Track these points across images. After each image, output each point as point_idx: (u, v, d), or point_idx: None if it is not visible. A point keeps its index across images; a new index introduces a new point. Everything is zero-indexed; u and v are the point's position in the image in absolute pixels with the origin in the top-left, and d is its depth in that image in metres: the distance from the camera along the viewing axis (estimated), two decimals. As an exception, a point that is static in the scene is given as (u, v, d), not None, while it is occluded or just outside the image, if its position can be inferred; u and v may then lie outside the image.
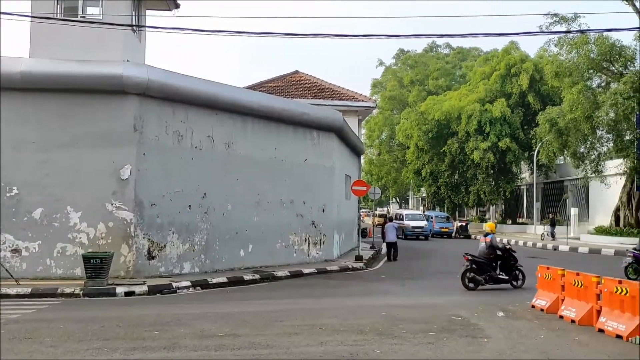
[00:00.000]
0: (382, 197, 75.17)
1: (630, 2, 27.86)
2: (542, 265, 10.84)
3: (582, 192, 38.71)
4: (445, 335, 8.02)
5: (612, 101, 25.80)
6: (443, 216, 41.71)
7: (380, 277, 16.04)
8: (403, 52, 61.07)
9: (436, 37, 20.85)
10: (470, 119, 39.98)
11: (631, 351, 7.27)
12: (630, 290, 7.93)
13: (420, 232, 34.76)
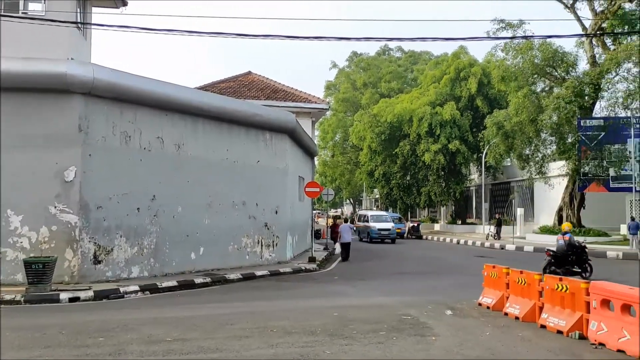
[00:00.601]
0: (336, 198, 75.78)
1: (572, 10, 29.08)
2: (488, 264, 11.13)
3: (527, 192, 40.07)
4: (395, 335, 8.13)
5: (555, 105, 26.81)
6: (395, 217, 41.58)
7: (333, 278, 16.12)
8: (356, 54, 61.72)
9: (386, 40, 21.33)
10: (422, 121, 40.76)
11: (571, 346, 7.56)
12: (570, 287, 8.25)
13: (387, 234, 32.67)
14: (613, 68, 26.70)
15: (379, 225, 32.79)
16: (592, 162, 28.22)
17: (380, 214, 36.62)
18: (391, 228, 32.68)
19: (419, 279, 16.08)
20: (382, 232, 32.38)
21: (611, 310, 7.46)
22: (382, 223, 33.20)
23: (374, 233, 32.35)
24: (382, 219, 34.28)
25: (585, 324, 7.84)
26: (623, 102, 27.23)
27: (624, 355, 6.96)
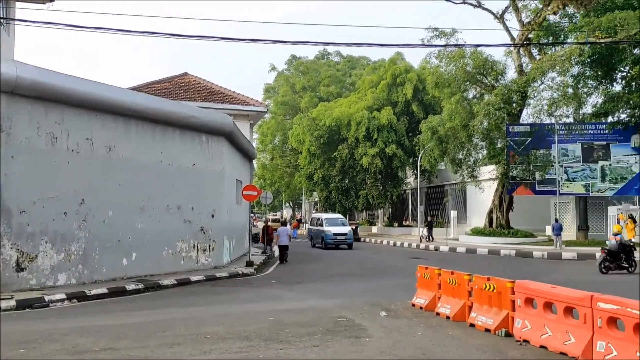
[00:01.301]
0: (275, 201, 75.51)
1: (501, 20, 30.36)
2: (421, 265, 11.39)
3: (460, 195, 41.46)
4: (330, 337, 8.16)
5: (485, 111, 27.88)
6: None
7: (270, 282, 16.03)
8: (295, 58, 61.85)
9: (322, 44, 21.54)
10: (360, 125, 41.35)
11: (498, 343, 7.85)
12: (497, 286, 8.57)
13: (343, 239, 30.03)
14: (538, 77, 28.08)
15: (335, 229, 30.30)
16: (520, 166, 29.56)
17: (336, 216, 33.80)
18: (348, 232, 30.28)
19: (356, 281, 16.25)
20: (338, 237, 29.96)
21: (534, 308, 7.81)
22: (338, 227, 30.68)
23: (329, 238, 29.94)
24: (338, 222, 31.73)
25: (511, 322, 8.16)
26: (548, 109, 28.67)
27: (546, 350, 7.29)
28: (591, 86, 30.14)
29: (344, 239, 29.93)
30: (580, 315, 6.89)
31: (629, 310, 6.12)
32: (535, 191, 30.05)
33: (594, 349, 6.55)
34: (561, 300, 7.28)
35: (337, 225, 30.87)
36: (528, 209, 33.86)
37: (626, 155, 28.86)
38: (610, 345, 6.32)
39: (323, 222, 31.13)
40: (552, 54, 28.30)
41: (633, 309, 6.08)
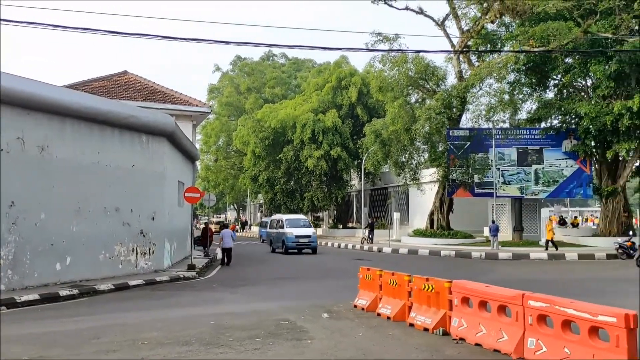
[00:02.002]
0: (219, 204, 74.54)
1: (442, 27, 31.19)
2: (363, 267, 11.52)
3: (403, 197, 42.31)
4: (272, 340, 8.11)
5: (427, 116, 28.56)
6: None
7: (213, 285, 15.78)
8: (240, 59, 61.41)
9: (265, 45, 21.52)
10: (305, 127, 41.48)
11: (436, 342, 8.03)
12: (435, 286, 8.78)
13: (306, 243, 27.48)
14: (477, 83, 29.03)
15: (297, 231, 27.62)
16: (460, 169, 30.43)
17: (298, 217, 30.82)
18: (312, 234, 27.64)
19: (299, 283, 16.25)
20: (300, 239, 27.37)
21: (470, 307, 8.04)
22: (300, 229, 28.00)
23: (290, 241, 27.33)
24: (300, 223, 28.89)
25: (448, 321, 8.37)
26: (486, 114, 29.68)
27: (481, 348, 7.53)
28: (526, 93, 31.50)
29: (307, 242, 27.41)
30: (513, 313, 7.15)
31: (557, 307, 6.40)
32: (474, 193, 31.02)
33: (525, 345, 6.81)
34: (495, 299, 7.53)
35: (299, 226, 28.29)
36: (467, 211, 34.93)
37: (558, 159, 30.25)
38: (540, 342, 6.59)
39: (284, 223, 28.46)
40: (489, 61, 29.33)
41: (561, 307, 6.36)
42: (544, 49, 25.42)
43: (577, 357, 6.02)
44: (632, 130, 25.80)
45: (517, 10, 27.03)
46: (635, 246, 23.63)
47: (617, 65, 25.44)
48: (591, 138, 28.27)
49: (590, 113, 26.12)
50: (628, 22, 24.71)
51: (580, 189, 30.51)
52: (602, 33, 25.18)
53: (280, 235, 28.50)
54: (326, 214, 52.49)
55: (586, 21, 25.41)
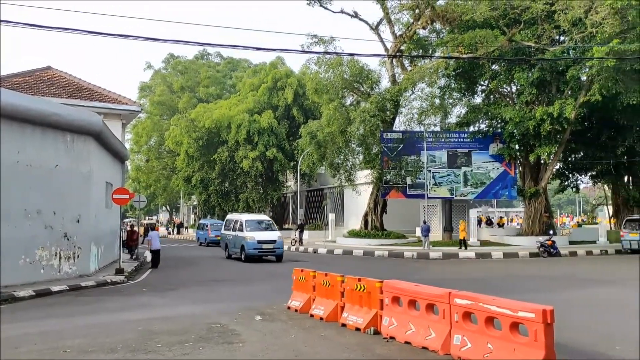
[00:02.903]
0: (151, 205, 72.43)
1: (376, 31, 31.77)
2: (297, 268, 11.51)
3: (338, 199, 42.73)
4: (202, 345, 7.95)
5: (362, 118, 28.98)
6: (218, 224, 37.76)
7: (142, 289, 15.27)
8: (173, 57, 60.02)
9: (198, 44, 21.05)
10: (240, 128, 41.07)
11: (367, 341, 8.13)
12: (367, 286, 8.90)
13: (270, 249, 23.13)
14: (409, 87, 29.77)
15: (259, 235, 23.25)
16: (393, 171, 31.09)
17: (260, 218, 26.33)
18: (277, 239, 23.32)
19: (232, 285, 16.02)
20: (264, 245, 22.95)
21: (400, 306, 8.20)
22: (264, 232, 23.66)
23: (251, 247, 22.90)
24: (263, 226, 24.45)
25: (379, 320, 8.51)
26: (418, 118, 30.53)
27: (410, 346, 7.69)
28: (456, 98, 32.67)
29: (271, 248, 23.02)
30: (440, 311, 7.35)
31: (481, 304, 6.64)
32: (407, 195, 31.77)
33: (451, 342, 7.02)
34: (424, 297, 7.72)
35: (261, 229, 23.94)
36: (400, 212, 35.72)
37: (485, 162, 31.54)
38: (465, 338, 6.81)
39: (243, 225, 23.92)
40: (421, 66, 30.15)
41: (485, 304, 6.60)
42: (472, 56, 26.41)
43: (499, 352, 6.26)
44: (553, 135, 27.28)
45: (447, 18, 27.96)
46: (555, 245, 25.01)
47: (539, 73, 26.85)
48: (515, 142, 29.65)
49: (514, 118, 27.41)
50: (549, 32, 26.11)
51: (505, 190, 31.95)
52: (526, 42, 26.47)
53: (238, 240, 24.00)
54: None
55: (511, 30, 26.62)
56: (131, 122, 38.09)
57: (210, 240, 36.32)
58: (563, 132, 27.32)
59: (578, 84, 26.68)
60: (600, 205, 47.59)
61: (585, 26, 23.91)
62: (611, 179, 34.51)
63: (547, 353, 5.80)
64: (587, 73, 25.63)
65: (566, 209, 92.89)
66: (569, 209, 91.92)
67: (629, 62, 22.96)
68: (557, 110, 25.35)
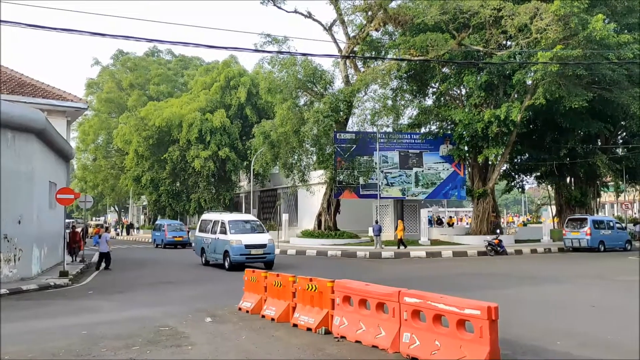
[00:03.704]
0: (98, 205, 70.33)
1: (329, 32, 31.89)
2: (248, 269, 11.40)
3: (292, 199, 42.65)
4: (150, 348, 7.76)
5: (315, 118, 29.01)
6: (176, 224, 36.89)
7: (87, 292, 14.78)
8: (122, 53, 58.52)
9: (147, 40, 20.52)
10: (192, 127, 40.43)
11: (318, 341, 8.13)
12: (318, 286, 8.90)
13: (260, 255, 19.74)
14: (362, 88, 30.02)
15: (247, 238, 19.78)
16: (346, 171, 31.29)
17: (246, 218, 22.51)
18: (268, 243, 20.00)
19: (183, 287, 15.71)
20: (252, 251, 19.58)
21: (351, 306, 8.24)
22: (251, 235, 20.18)
23: (237, 253, 19.41)
24: (250, 227, 20.98)
25: (331, 320, 8.52)
26: (371, 119, 30.79)
27: (361, 345, 7.73)
28: (407, 99, 33.20)
29: (261, 253, 19.71)
30: (390, 309, 7.43)
31: (429, 302, 6.75)
32: (359, 195, 32.04)
33: (400, 340, 7.10)
34: (374, 296, 7.78)
35: (248, 231, 20.48)
36: (353, 212, 35.98)
37: (436, 162, 32.20)
38: (414, 336, 6.90)
39: (227, 227, 20.39)
40: (374, 67, 30.46)
41: (433, 302, 6.72)
42: (423, 58, 26.88)
43: (446, 349, 6.38)
44: (500, 137, 28.13)
45: (399, 20, 28.37)
46: (502, 243, 25.80)
47: (487, 77, 27.63)
48: (465, 143, 30.39)
49: (464, 120, 28.12)
50: (497, 36, 26.89)
51: (455, 190, 32.72)
52: (475, 46, 27.16)
53: (219, 244, 20.46)
54: (214, 215, 51.45)
55: (460, 34, 27.27)
56: (77, 120, 36.86)
57: (168, 241, 34.53)
58: (509, 134, 28.20)
59: (524, 87, 27.59)
60: (544, 205, 49.36)
61: (530, 32, 24.73)
62: (554, 180, 35.90)
63: (492, 349, 5.95)
64: (532, 77, 26.52)
65: (513, 209, 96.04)
66: (515, 209, 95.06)
67: (571, 67, 23.90)
68: (504, 113, 26.13)
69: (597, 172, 35.07)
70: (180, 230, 35.67)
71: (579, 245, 27.19)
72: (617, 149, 34.67)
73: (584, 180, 35.47)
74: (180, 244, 34.45)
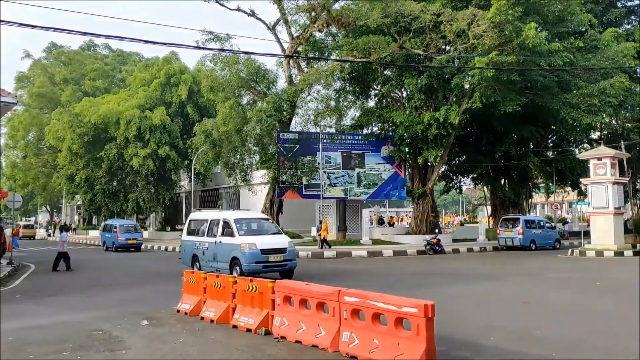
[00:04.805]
0: (27, 205, 67.09)
1: (273, 31, 31.73)
2: (187, 270, 11.17)
3: (234, 199, 42.18)
4: (81, 353, 7.46)
5: (258, 118, 28.75)
6: (130, 225, 33.59)
7: (15, 296, 14.02)
8: (56, 46, 56.08)
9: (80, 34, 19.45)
10: (130, 124, 39.20)
11: (257, 342, 8.05)
12: (259, 287, 8.81)
13: (280, 263, 15.66)
14: (306, 88, 30.04)
15: (262, 241, 15.63)
16: (289, 171, 31.21)
17: (256, 216, 18.52)
18: (288, 246, 15.91)
19: (119, 290, 15.19)
20: (270, 256, 15.41)
21: (292, 306, 8.21)
22: (267, 237, 16.10)
23: (251, 260, 15.18)
24: (264, 226, 17.11)
25: (271, 320, 8.47)
26: (314, 119, 30.86)
27: (301, 345, 7.72)
28: (350, 100, 33.53)
29: (281, 260, 15.63)
30: (330, 309, 7.46)
31: (369, 301, 6.82)
32: (302, 195, 32.04)
33: (340, 339, 7.14)
34: (314, 296, 7.79)
35: (260, 233, 16.44)
36: (296, 212, 35.99)
37: (377, 163, 32.67)
38: (354, 335, 6.96)
39: (233, 227, 15.94)
40: (317, 68, 30.56)
41: (372, 300, 6.79)
42: (365, 60, 27.21)
43: (384, 347, 6.47)
44: (439, 139, 28.90)
45: (342, 22, 28.60)
46: (440, 243, 26.51)
47: (427, 80, 28.32)
48: (405, 145, 31.02)
49: (404, 122, 28.71)
50: (437, 41, 27.59)
51: (396, 191, 33.32)
52: (415, 49, 27.76)
53: (224, 250, 16.03)
54: (153, 215, 50.17)
55: (402, 38, 27.78)
56: (6, 115, 34.98)
57: (120, 244, 31.39)
58: (448, 136, 29.01)
59: (462, 91, 28.44)
60: (480, 205, 51.19)
61: (468, 38, 25.50)
62: (490, 181, 37.28)
63: (428, 345, 6.07)
64: (469, 81, 27.39)
65: (451, 209, 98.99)
66: (453, 209, 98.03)
67: (505, 72, 24.85)
68: (443, 116, 26.86)
69: (529, 174, 36.66)
70: (135, 231, 32.66)
71: (512, 244, 28.32)
72: (547, 152, 36.34)
73: (517, 181, 37.00)
74: (134, 247, 31.73)
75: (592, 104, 26.73)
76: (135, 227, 33.56)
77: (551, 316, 10.19)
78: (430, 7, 26.36)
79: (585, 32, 30.64)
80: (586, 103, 26.87)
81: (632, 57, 28.03)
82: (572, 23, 29.28)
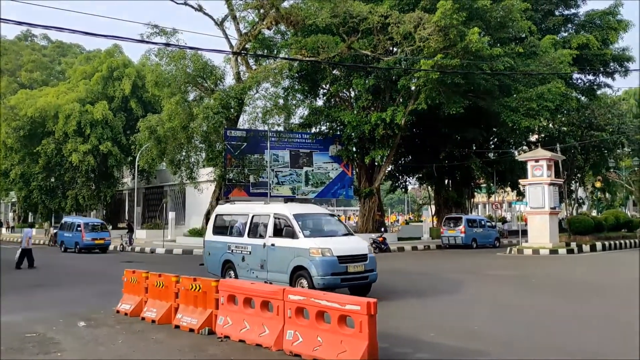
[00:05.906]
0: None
1: (221, 27, 31.30)
2: (128, 270, 10.85)
3: (179, 197, 41.38)
4: (13, 357, 7.12)
5: (205, 114, 28.29)
6: (97, 223, 31.07)
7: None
8: (-10, 35, 53.27)
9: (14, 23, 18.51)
10: (69, 119, 37.80)
11: (200, 342, 7.92)
12: (202, 286, 8.67)
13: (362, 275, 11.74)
14: (254, 86, 29.80)
15: (337, 245, 11.72)
16: (236, 169, 30.91)
17: (320, 211, 14.50)
18: (367, 253, 12.05)
19: (56, 290, 14.60)
20: (350, 266, 11.57)
21: (236, 305, 8.12)
22: (340, 239, 12.25)
23: (327, 271, 11.23)
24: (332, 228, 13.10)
25: (214, 320, 8.35)
26: (262, 117, 30.66)
27: (244, 344, 7.65)
28: (299, 99, 33.56)
29: (362, 270, 11.82)
30: (274, 307, 7.43)
31: (312, 299, 6.84)
32: (250, 193, 31.78)
33: (284, 337, 7.13)
34: (259, 295, 7.74)
35: (329, 234, 12.56)
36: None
37: (325, 162, 32.84)
38: (297, 333, 6.96)
39: (293, 226, 12.03)
40: (266, 65, 30.41)
41: (316, 299, 6.81)
42: (314, 59, 27.29)
43: (328, 345, 6.51)
44: (386, 139, 29.36)
45: (291, 20, 28.54)
46: (386, 241, 26.92)
47: (374, 81, 28.71)
48: (353, 144, 31.33)
49: (352, 122, 29.00)
50: (384, 42, 27.98)
51: (343, 190, 33.61)
52: (363, 50, 28.07)
53: (280, 256, 12.09)
54: (94, 213, 48.47)
55: (350, 38, 28.04)
56: None
57: (85, 244, 28.35)
58: (394, 137, 29.51)
59: (408, 92, 28.97)
60: (425, 204, 52.35)
61: (414, 40, 26.02)
62: (434, 181, 38.21)
63: (371, 342, 6.15)
64: (415, 83, 27.95)
65: (397, 208, 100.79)
66: (399, 208, 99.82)
67: (450, 75, 25.51)
68: (390, 116, 27.29)
69: (471, 175, 37.80)
70: (102, 230, 29.64)
71: (454, 243, 29.10)
72: (489, 154, 37.58)
73: (460, 182, 38.08)
74: (100, 248, 28.75)
75: (531, 108, 27.86)
76: (102, 225, 30.85)
77: (489, 312, 10.53)
78: (378, 8, 26.72)
79: (525, 39, 31.85)
80: (525, 107, 27.98)
81: (568, 64, 29.35)
82: (513, 29, 30.40)
